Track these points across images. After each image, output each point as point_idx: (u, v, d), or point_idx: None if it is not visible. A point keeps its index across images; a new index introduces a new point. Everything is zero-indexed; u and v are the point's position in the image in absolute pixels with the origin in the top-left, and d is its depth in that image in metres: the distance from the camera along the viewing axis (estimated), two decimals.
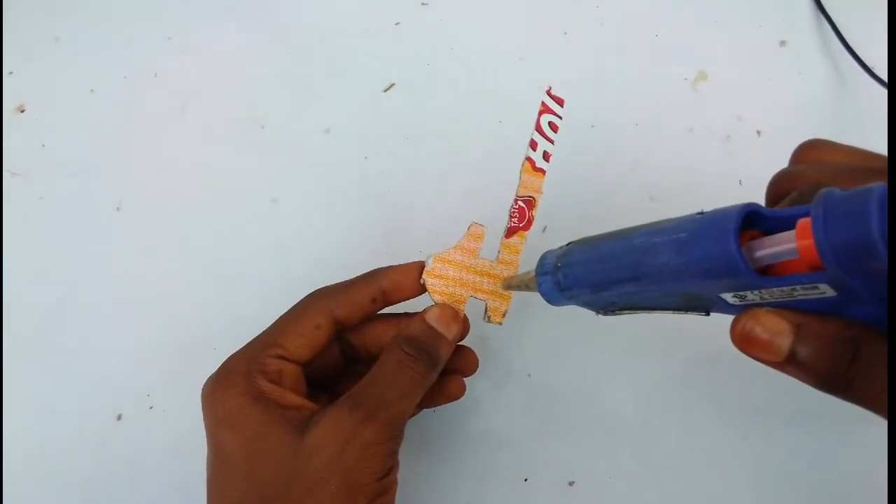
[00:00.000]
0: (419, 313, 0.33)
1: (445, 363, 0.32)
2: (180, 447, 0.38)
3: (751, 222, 0.21)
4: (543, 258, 0.29)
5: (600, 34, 0.50)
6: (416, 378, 0.31)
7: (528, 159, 0.34)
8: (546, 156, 0.34)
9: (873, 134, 0.47)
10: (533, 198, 0.34)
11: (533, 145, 0.34)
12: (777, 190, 0.24)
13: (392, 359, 0.31)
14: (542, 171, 0.34)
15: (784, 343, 0.21)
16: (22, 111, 0.49)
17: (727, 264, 0.20)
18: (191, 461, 0.31)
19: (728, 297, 0.21)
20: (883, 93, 0.47)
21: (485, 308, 0.34)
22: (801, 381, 0.21)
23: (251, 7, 0.52)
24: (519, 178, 0.34)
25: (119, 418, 0.40)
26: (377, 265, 0.34)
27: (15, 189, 0.46)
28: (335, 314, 0.32)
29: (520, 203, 0.34)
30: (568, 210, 0.43)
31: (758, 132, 0.47)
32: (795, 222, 0.19)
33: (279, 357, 0.31)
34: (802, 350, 0.20)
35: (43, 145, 0.48)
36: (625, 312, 0.27)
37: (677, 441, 0.39)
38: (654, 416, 0.39)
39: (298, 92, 0.49)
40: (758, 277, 0.20)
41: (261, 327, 0.32)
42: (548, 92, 0.34)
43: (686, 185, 0.45)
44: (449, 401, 0.35)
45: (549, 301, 0.29)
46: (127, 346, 0.42)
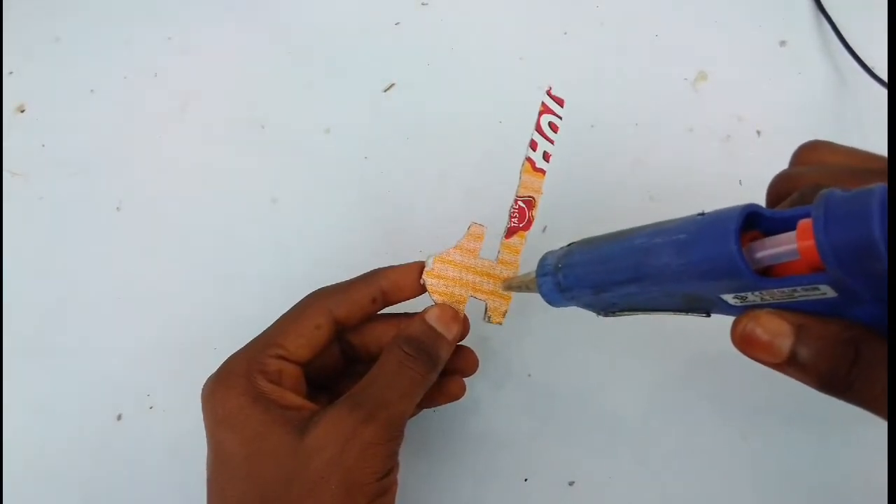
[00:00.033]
0: (419, 313, 0.33)
1: (445, 363, 0.32)
2: (180, 447, 0.39)
3: (751, 223, 0.21)
4: (544, 259, 0.29)
5: (600, 34, 0.50)
6: (416, 378, 0.31)
7: (528, 159, 0.34)
8: (546, 156, 0.34)
9: (873, 134, 0.47)
10: (533, 198, 0.34)
11: (533, 145, 0.34)
12: (777, 191, 0.24)
13: (392, 359, 0.31)
14: (542, 171, 0.34)
15: (785, 344, 0.21)
16: (22, 111, 0.49)
17: (728, 265, 0.20)
18: (191, 461, 0.31)
19: (729, 298, 0.21)
20: (883, 93, 0.47)
21: (485, 308, 0.34)
22: (802, 383, 0.21)
23: (251, 7, 0.52)
24: (519, 178, 0.34)
25: (119, 418, 0.40)
26: (377, 265, 0.34)
27: (15, 189, 0.46)
28: (335, 314, 0.32)
29: (520, 203, 0.34)
30: (568, 210, 0.43)
31: (758, 132, 0.47)
32: (796, 223, 0.19)
33: (279, 357, 0.31)
34: (803, 351, 0.20)
35: (43, 145, 0.48)
36: (625, 313, 0.27)
37: (677, 441, 0.39)
38: (654, 416, 0.39)
39: (298, 92, 0.49)
40: (758, 278, 0.20)
41: (261, 327, 0.32)
42: (548, 92, 0.34)
43: (686, 185, 0.45)
44: (449, 401, 0.35)
45: (550, 302, 0.29)
46: (127, 346, 0.42)
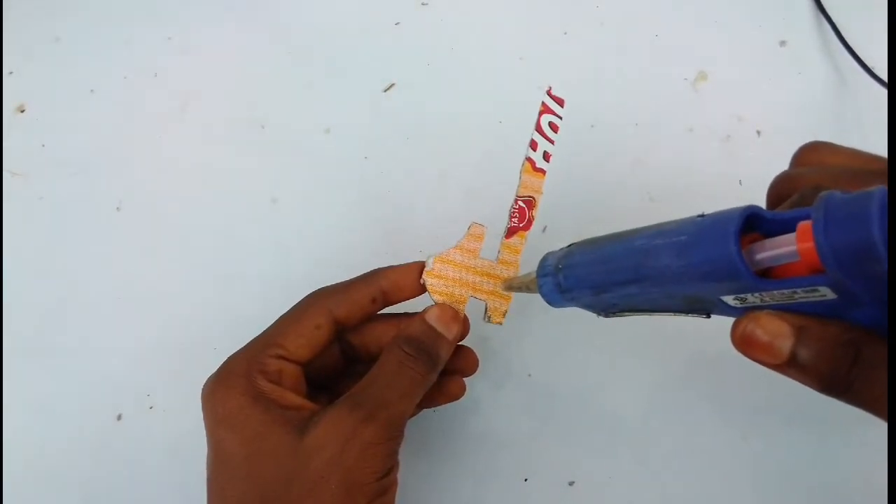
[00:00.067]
0: (419, 313, 0.33)
1: (445, 363, 0.32)
2: (180, 447, 0.39)
3: (751, 225, 0.21)
4: (544, 260, 0.29)
5: (600, 34, 0.50)
6: (416, 378, 0.31)
7: (528, 159, 0.34)
8: (546, 156, 0.34)
9: (873, 134, 0.47)
10: (533, 198, 0.34)
11: (533, 145, 0.34)
12: (778, 192, 0.25)
13: (392, 359, 0.31)
14: (542, 171, 0.34)
15: (785, 345, 0.21)
16: (22, 111, 0.49)
17: (728, 267, 0.20)
18: (191, 461, 0.31)
19: (729, 300, 0.21)
20: (883, 93, 0.47)
21: (485, 308, 0.34)
22: (802, 384, 0.21)
23: (251, 7, 0.52)
24: (519, 178, 0.34)
25: (119, 418, 0.40)
26: (377, 265, 0.34)
27: (15, 189, 0.46)
28: (335, 314, 0.32)
29: (520, 203, 0.34)
30: (568, 210, 0.43)
31: (758, 132, 0.47)
32: (796, 225, 0.19)
33: (279, 357, 0.31)
34: (803, 352, 0.20)
35: (43, 145, 0.48)
36: (626, 314, 0.27)
37: (677, 441, 0.39)
38: (654, 416, 0.39)
39: (298, 92, 0.49)
40: (758, 280, 0.20)
41: (261, 327, 0.32)
42: (548, 92, 0.34)
43: (686, 185, 0.45)
44: (449, 401, 0.35)
45: (550, 303, 0.29)
46: (127, 346, 0.42)
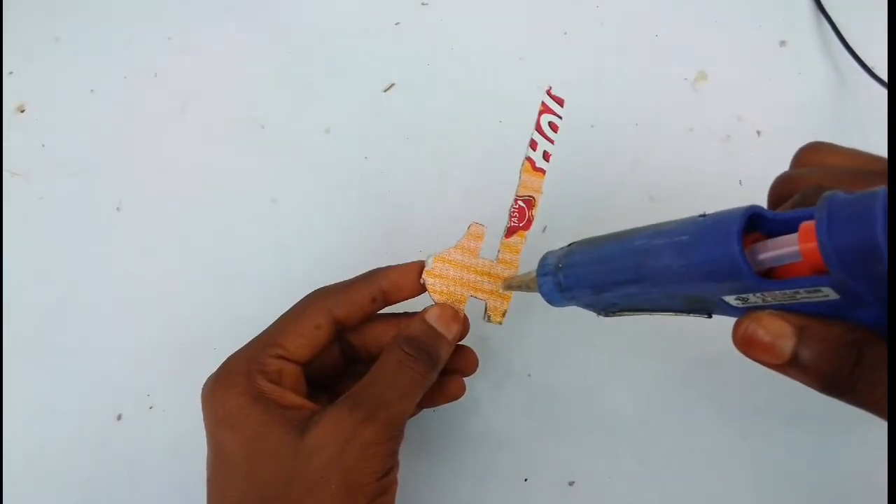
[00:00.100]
0: (419, 313, 0.33)
1: (445, 363, 0.32)
2: (180, 447, 0.38)
3: (753, 225, 0.21)
4: (544, 259, 0.29)
5: (600, 34, 0.50)
6: (416, 378, 0.31)
7: (528, 159, 0.34)
8: (546, 156, 0.34)
9: (873, 134, 0.47)
10: (533, 198, 0.34)
11: (533, 145, 0.34)
12: (779, 193, 0.24)
13: (392, 359, 0.31)
14: (542, 171, 0.34)
15: (786, 346, 0.20)
16: (22, 111, 0.49)
17: (730, 267, 0.20)
18: (191, 461, 0.31)
19: (730, 300, 0.21)
20: (883, 93, 0.47)
21: (485, 308, 0.34)
22: (804, 384, 0.21)
23: (251, 7, 0.52)
24: (519, 178, 0.34)
25: (119, 418, 0.40)
26: (377, 265, 0.34)
27: (15, 189, 0.46)
28: (335, 314, 0.32)
29: (520, 203, 0.34)
30: (568, 210, 0.43)
31: (758, 132, 0.47)
32: (798, 225, 0.19)
33: (279, 357, 0.31)
34: (805, 353, 0.20)
35: (43, 145, 0.48)
36: (626, 314, 0.27)
37: (677, 441, 0.39)
38: (654, 416, 0.39)
39: (298, 92, 0.49)
40: (760, 280, 0.20)
41: (261, 327, 0.32)
42: (548, 92, 0.34)
43: (686, 185, 0.45)
44: (449, 401, 0.35)
45: (550, 302, 0.29)
46: (127, 346, 0.42)
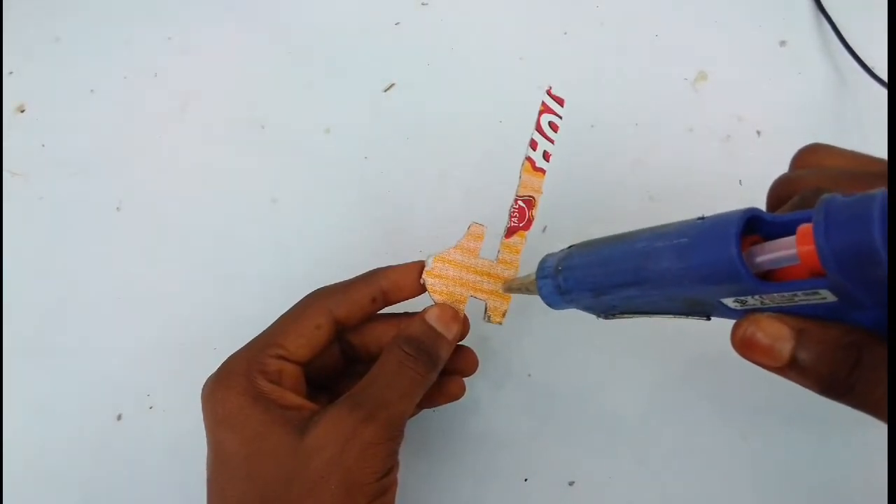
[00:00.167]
0: (419, 313, 0.33)
1: (445, 363, 0.32)
2: (180, 447, 0.38)
3: (752, 227, 0.21)
4: (544, 261, 0.29)
5: (600, 34, 0.50)
6: (416, 378, 0.31)
7: (528, 159, 0.34)
8: (546, 155, 0.34)
9: (873, 134, 0.47)
10: (533, 198, 0.34)
11: (533, 145, 0.34)
12: (778, 194, 0.24)
13: (392, 359, 0.31)
14: (542, 171, 0.34)
15: (785, 348, 0.20)
16: (22, 111, 0.49)
17: (728, 270, 0.20)
18: (191, 461, 0.31)
19: (729, 302, 0.21)
20: (883, 93, 0.47)
21: (485, 308, 0.34)
22: (803, 386, 0.21)
23: (251, 7, 0.52)
24: (519, 178, 0.34)
25: (119, 418, 0.40)
26: (377, 265, 0.34)
27: (15, 189, 0.46)
28: (335, 314, 0.32)
29: (520, 203, 0.34)
30: (568, 210, 0.43)
31: (758, 132, 0.47)
32: (796, 227, 0.19)
33: (279, 357, 0.31)
34: (803, 355, 0.20)
35: (43, 145, 0.48)
36: (625, 316, 0.27)
37: (677, 441, 0.39)
38: (654, 416, 0.39)
39: (298, 92, 0.49)
40: (759, 283, 0.20)
41: (261, 327, 0.32)
42: (548, 92, 0.34)
43: (686, 185, 0.45)
44: (449, 401, 0.35)
45: (550, 304, 0.29)
46: (127, 346, 0.42)
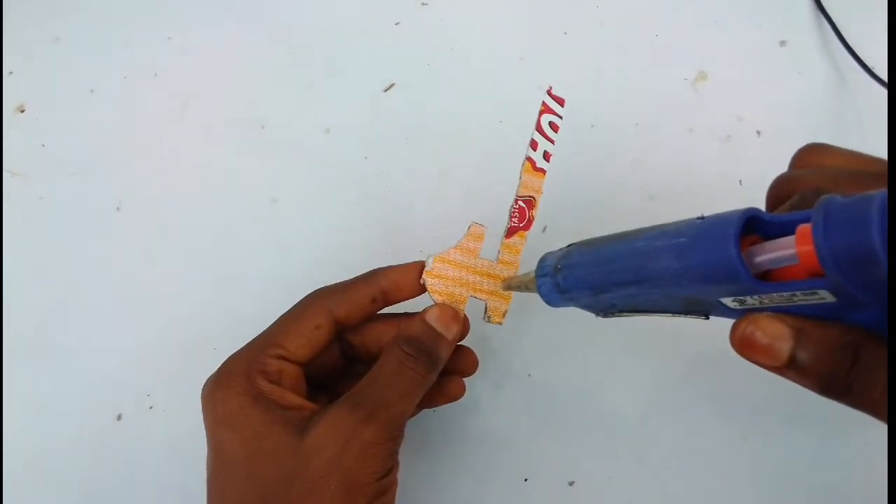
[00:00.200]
0: (419, 313, 0.33)
1: (445, 363, 0.32)
2: (180, 447, 0.38)
3: (751, 227, 0.21)
4: (543, 260, 0.29)
5: (600, 34, 0.50)
6: (416, 378, 0.31)
7: (529, 159, 0.34)
8: (546, 155, 0.34)
9: (873, 134, 0.47)
10: (533, 198, 0.34)
11: (533, 145, 0.34)
12: (777, 194, 0.24)
13: (392, 359, 0.31)
14: (543, 171, 0.34)
15: (784, 347, 0.20)
16: (22, 111, 0.49)
17: (727, 269, 0.20)
18: (191, 461, 0.31)
19: (728, 302, 0.21)
20: (883, 93, 0.47)
21: (485, 308, 0.34)
22: (802, 386, 0.21)
23: (251, 7, 0.52)
24: (519, 178, 0.34)
25: (119, 418, 0.40)
26: (377, 265, 0.34)
27: (15, 189, 0.46)
28: (335, 314, 0.32)
29: (520, 203, 0.34)
30: (568, 210, 0.43)
31: (758, 132, 0.47)
32: (795, 227, 0.19)
33: (279, 357, 0.31)
34: (802, 355, 0.20)
35: (43, 145, 0.48)
36: (625, 315, 0.27)
37: (677, 441, 0.39)
38: (654, 416, 0.39)
39: (298, 92, 0.49)
40: (757, 283, 0.20)
41: (261, 327, 0.32)
42: (548, 92, 0.34)
43: (686, 185, 0.45)
44: (449, 401, 0.35)
45: (549, 303, 0.29)
46: (127, 346, 0.42)
